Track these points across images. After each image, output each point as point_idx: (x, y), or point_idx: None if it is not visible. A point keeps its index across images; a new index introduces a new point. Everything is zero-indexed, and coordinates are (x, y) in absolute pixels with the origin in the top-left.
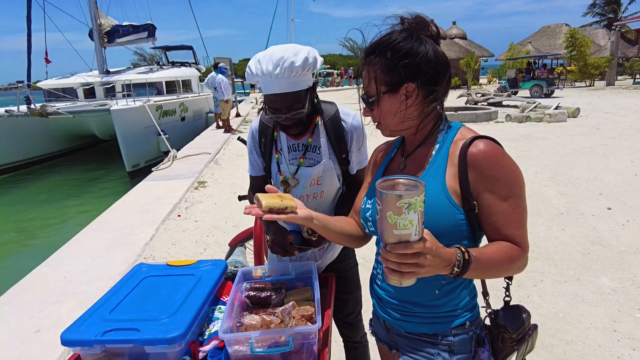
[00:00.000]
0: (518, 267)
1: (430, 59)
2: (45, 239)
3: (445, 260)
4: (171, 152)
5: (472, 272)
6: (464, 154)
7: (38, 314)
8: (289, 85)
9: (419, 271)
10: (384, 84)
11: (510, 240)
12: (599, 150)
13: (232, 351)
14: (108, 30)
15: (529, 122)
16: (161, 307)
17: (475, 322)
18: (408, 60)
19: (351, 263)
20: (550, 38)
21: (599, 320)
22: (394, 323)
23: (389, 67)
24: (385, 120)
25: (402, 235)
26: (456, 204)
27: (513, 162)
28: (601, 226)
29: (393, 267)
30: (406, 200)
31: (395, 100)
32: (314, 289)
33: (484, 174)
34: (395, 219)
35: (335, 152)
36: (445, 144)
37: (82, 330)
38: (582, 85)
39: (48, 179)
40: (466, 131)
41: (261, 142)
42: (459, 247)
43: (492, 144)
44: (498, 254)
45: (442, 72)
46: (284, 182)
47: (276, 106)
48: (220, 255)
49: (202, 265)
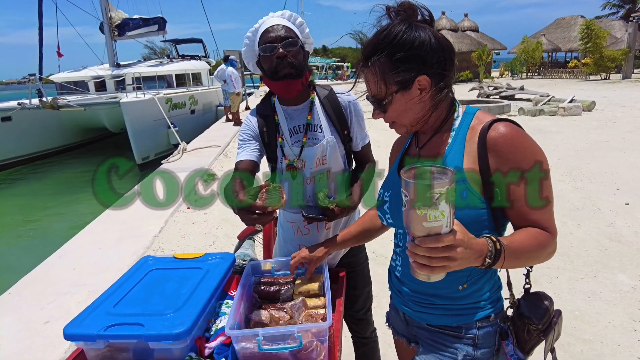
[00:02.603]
0: (548, 253)
1: (434, 46)
2: (56, 231)
3: (477, 252)
4: (181, 145)
5: (504, 261)
6: (483, 138)
7: (48, 305)
8: (287, 22)
9: (450, 265)
10: (394, 83)
11: (538, 225)
12: (616, 145)
13: (239, 348)
14: (118, 23)
15: (543, 115)
16: (167, 301)
17: (500, 314)
18: (414, 52)
19: (362, 257)
20: (564, 30)
21: (618, 319)
22: (415, 315)
23: (396, 64)
24: (401, 119)
25: (432, 228)
26: (476, 193)
27: (535, 143)
28: (619, 222)
29: (423, 261)
30: (437, 190)
31: (409, 97)
32: (325, 284)
33: (505, 157)
34: (425, 211)
35: (337, 129)
36: (461, 131)
37: (85, 325)
38: (597, 78)
39: (60, 171)
40: (483, 115)
41: (263, 132)
42: (489, 237)
43: (513, 126)
44: (528, 240)
45: (449, 57)
46: (290, 166)
47: (272, 39)
48: (229, 248)
49: (209, 259)
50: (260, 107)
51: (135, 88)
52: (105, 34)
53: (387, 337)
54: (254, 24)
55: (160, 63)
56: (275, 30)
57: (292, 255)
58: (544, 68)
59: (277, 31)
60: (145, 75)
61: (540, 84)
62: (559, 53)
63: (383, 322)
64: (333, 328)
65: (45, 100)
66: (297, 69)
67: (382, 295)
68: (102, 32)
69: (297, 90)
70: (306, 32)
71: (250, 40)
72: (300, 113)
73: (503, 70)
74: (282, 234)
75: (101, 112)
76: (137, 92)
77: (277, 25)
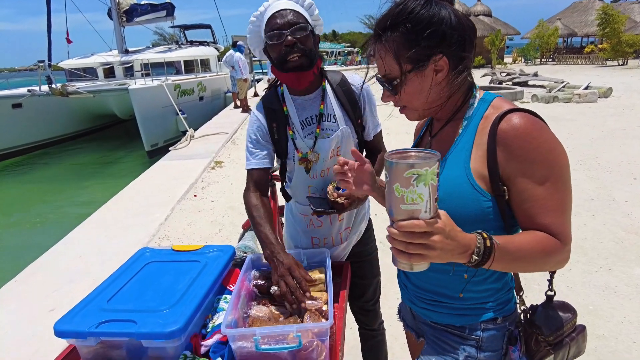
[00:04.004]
0: (556, 261)
1: (454, 24)
2: (65, 218)
3: (462, 246)
4: (188, 132)
5: (497, 262)
6: (494, 130)
7: (53, 293)
8: (295, 5)
9: (428, 254)
10: (409, 61)
11: (547, 230)
12: (633, 133)
13: (235, 347)
14: (127, 9)
15: (557, 102)
16: (162, 296)
17: (510, 317)
18: (432, 29)
19: (372, 247)
20: (581, 14)
21: (634, 315)
22: (419, 311)
23: (412, 41)
24: (413, 102)
25: (410, 211)
26: (481, 190)
27: (553, 139)
28: (636, 213)
29: (400, 247)
30: (415, 171)
31: (424, 78)
32: (328, 280)
33: (515, 153)
34: (403, 192)
35: (351, 118)
36: (473, 120)
37: (76, 321)
38: (614, 64)
39: (70, 157)
40: (500, 103)
41: (272, 127)
42: (481, 233)
43: (529, 117)
44: (529, 244)
45: (469, 37)
46: (303, 160)
47: (279, 26)
48: (235, 237)
49: (208, 251)
50: (267, 100)
51: (144, 74)
52: (113, 20)
53: (393, 329)
54: (259, 8)
55: (168, 49)
56: (283, 16)
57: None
58: (558, 54)
59: (284, 16)
60: (154, 62)
61: (554, 70)
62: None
63: (390, 314)
64: (335, 326)
65: (55, 87)
66: (307, 57)
67: (390, 286)
68: (111, 18)
69: (308, 81)
70: (315, 14)
71: (255, 26)
72: (312, 103)
73: (516, 56)
74: (294, 225)
75: (110, 99)
76: (145, 79)
77: (283, 9)
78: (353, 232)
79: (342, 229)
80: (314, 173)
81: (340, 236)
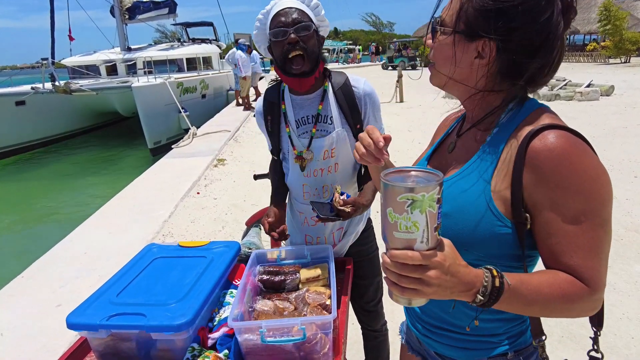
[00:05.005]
0: (581, 309)
1: (547, 27)
2: (68, 215)
3: (464, 283)
4: (191, 130)
5: (506, 304)
6: (524, 146)
7: (59, 288)
8: (301, 4)
9: (423, 290)
10: (465, 22)
11: (573, 272)
12: (635, 131)
13: (242, 340)
14: (129, 6)
15: (559, 100)
16: (170, 291)
17: (523, 351)
18: (514, 14)
19: (372, 247)
20: (583, 12)
21: (633, 311)
22: (423, 340)
23: (485, 6)
24: (440, 64)
25: (405, 240)
26: (499, 214)
27: (597, 165)
28: (636, 211)
29: (392, 278)
30: (409, 196)
31: (464, 50)
32: (331, 276)
33: (546, 177)
34: (396, 218)
35: (349, 122)
36: (505, 129)
37: (88, 314)
38: (616, 61)
39: (74, 155)
40: (540, 115)
41: (267, 120)
42: (490, 269)
43: (569, 137)
44: (549, 287)
45: (549, 46)
46: (298, 157)
47: (283, 24)
48: (238, 234)
49: (214, 247)
50: (269, 93)
51: (147, 72)
52: (116, 18)
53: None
54: (266, 6)
55: (171, 47)
56: (288, 14)
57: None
58: None
59: (289, 15)
60: (156, 59)
61: None
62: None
63: (393, 314)
64: (338, 320)
65: (58, 84)
66: (310, 59)
67: None
68: (113, 15)
69: (310, 85)
70: (321, 15)
71: (262, 23)
72: (311, 103)
73: None
74: (289, 222)
75: (113, 96)
76: (148, 76)
77: (289, 8)
78: (348, 233)
79: (335, 229)
80: (308, 172)
81: (333, 236)
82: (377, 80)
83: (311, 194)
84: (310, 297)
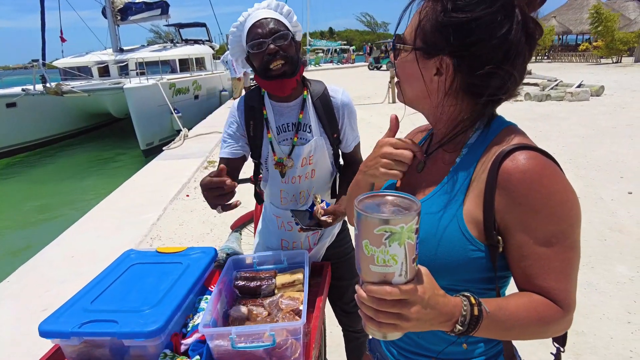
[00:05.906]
0: (555, 330)
1: (506, 42)
2: (57, 217)
3: (443, 314)
4: (182, 131)
5: (485, 331)
6: (496, 168)
7: (45, 293)
8: (274, 13)
9: (402, 325)
10: (422, 39)
11: (547, 294)
12: (623, 131)
13: (213, 346)
14: (121, 7)
15: (550, 100)
16: (144, 297)
17: None
18: (468, 29)
19: (348, 248)
20: (576, 12)
21: (613, 311)
22: None
23: (440, 22)
24: (404, 84)
25: (382, 274)
26: (471, 238)
27: (566, 188)
28: (621, 211)
29: (369, 313)
30: (388, 228)
31: (424, 67)
32: (304, 281)
33: (517, 200)
34: (373, 251)
35: (326, 131)
36: (475, 151)
37: (61, 321)
38: (608, 61)
39: (66, 157)
40: (509, 134)
41: (249, 125)
42: (468, 297)
43: (540, 159)
44: (525, 311)
45: (510, 63)
46: (278, 164)
47: (260, 35)
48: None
49: (191, 253)
50: (249, 98)
51: (139, 73)
52: (107, 19)
53: None
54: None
55: (163, 48)
56: (264, 25)
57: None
58: (553, 51)
59: (265, 25)
60: (149, 61)
61: (549, 68)
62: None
63: None
64: (311, 325)
65: (49, 86)
66: (290, 64)
67: None
68: (105, 16)
69: (291, 88)
70: (294, 21)
71: (236, 36)
72: (291, 111)
73: None
74: (267, 225)
75: (105, 98)
76: (140, 78)
77: (264, 18)
78: (324, 236)
79: (310, 234)
80: (287, 178)
81: (309, 240)
82: (371, 80)
83: (288, 199)
84: (284, 302)
